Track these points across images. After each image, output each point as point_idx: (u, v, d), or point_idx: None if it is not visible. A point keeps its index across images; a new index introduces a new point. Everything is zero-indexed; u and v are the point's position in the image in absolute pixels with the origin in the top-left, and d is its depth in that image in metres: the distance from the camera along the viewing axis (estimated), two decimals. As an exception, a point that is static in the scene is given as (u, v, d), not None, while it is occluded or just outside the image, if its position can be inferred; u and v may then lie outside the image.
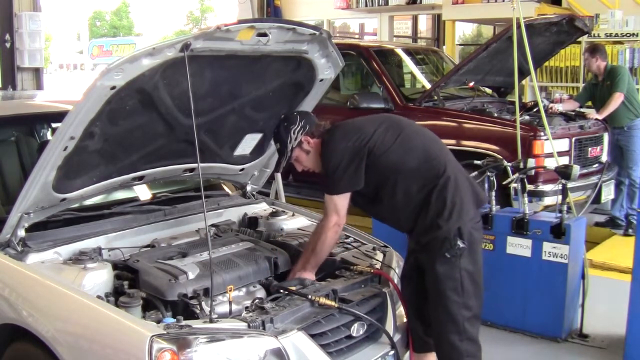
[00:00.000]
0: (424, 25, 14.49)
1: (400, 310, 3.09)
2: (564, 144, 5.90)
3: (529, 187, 5.01)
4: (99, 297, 2.59)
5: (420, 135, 3.05)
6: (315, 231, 3.08)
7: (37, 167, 2.64)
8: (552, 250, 4.26)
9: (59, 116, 2.68)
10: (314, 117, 3.14)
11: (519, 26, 5.01)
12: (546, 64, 8.33)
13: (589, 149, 6.27)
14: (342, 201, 2.97)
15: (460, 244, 2.86)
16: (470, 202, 2.94)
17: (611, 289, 5.03)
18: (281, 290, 2.81)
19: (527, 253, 4.35)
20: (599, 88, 6.78)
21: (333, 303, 2.72)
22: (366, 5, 11.96)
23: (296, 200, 6.47)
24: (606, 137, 6.56)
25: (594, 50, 6.74)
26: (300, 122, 3.03)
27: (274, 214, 3.64)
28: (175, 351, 2.25)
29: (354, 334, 2.78)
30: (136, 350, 2.26)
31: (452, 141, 5.92)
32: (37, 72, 9.31)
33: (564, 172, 4.30)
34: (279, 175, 6.04)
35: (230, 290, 2.61)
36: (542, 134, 5.58)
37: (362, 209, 3.08)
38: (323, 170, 3.00)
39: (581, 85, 8.15)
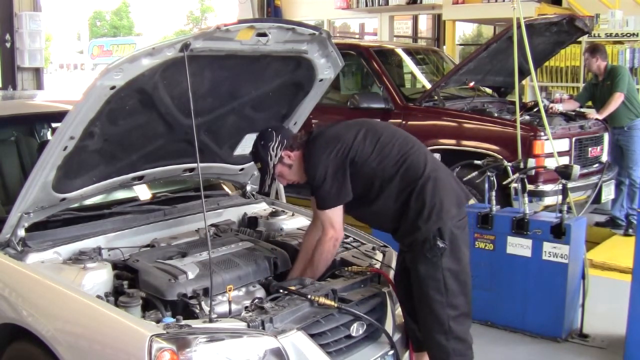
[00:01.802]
0: (424, 25, 14.49)
1: (400, 309, 3.09)
2: (564, 144, 5.89)
3: (529, 187, 5.01)
4: (98, 296, 2.59)
5: (397, 139, 3.02)
6: (311, 244, 3.07)
7: (36, 167, 2.64)
8: (552, 250, 4.26)
9: (59, 116, 2.68)
10: (289, 130, 3.14)
11: (519, 26, 5.01)
12: (546, 64, 8.33)
13: (589, 149, 6.27)
14: (335, 215, 2.95)
15: (440, 244, 2.86)
16: (452, 201, 2.93)
17: (611, 289, 5.03)
18: (281, 290, 2.80)
19: (527, 253, 4.35)
20: (599, 88, 6.78)
21: (332, 303, 2.72)
22: (366, 5, 11.96)
23: (296, 200, 6.46)
24: (606, 137, 6.56)
25: (594, 50, 6.74)
26: (277, 137, 2.99)
27: (274, 214, 3.64)
28: (174, 351, 2.25)
29: (354, 334, 2.78)
30: (136, 349, 2.26)
31: (452, 141, 5.92)
32: (37, 72, 9.31)
33: (564, 172, 4.30)
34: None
35: (229, 290, 2.61)
36: (542, 134, 5.57)
37: (346, 212, 3.07)
38: (309, 184, 2.99)
39: (581, 85, 8.15)
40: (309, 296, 2.70)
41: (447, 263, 2.88)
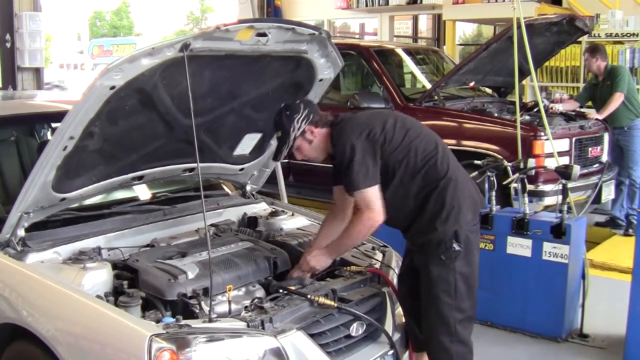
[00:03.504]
0: (424, 25, 14.48)
1: (400, 309, 3.09)
2: (564, 144, 5.90)
3: (529, 187, 5.00)
4: (98, 296, 2.59)
5: (424, 135, 3.00)
6: (327, 232, 3.09)
7: (36, 167, 2.64)
8: (552, 250, 4.26)
9: (59, 116, 2.68)
10: (316, 106, 3.07)
11: (519, 26, 5.01)
12: (546, 64, 8.33)
13: (590, 149, 6.27)
14: (370, 195, 2.84)
15: (456, 246, 2.85)
16: (469, 206, 2.93)
17: (611, 289, 5.03)
18: (280, 290, 2.80)
19: (527, 253, 4.35)
20: (599, 88, 6.78)
21: (332, 302, 2.72)
22: (366, 5, 11.96)
23: (296, 200, 6.47)
24: (606, 137, 6.56)
25: (594, 50, 6.73)
26: (304, 111, 2.96)
27: (274, 214, 3.64)
28: (174, 350, 2.25)
29: (353, 334, 2.78)
30: (136, 349, 2.26)
31: (453, 141, 5.91)
32: (37, 72, 9.31)
33: (564, 172, 4.30)
34: (280, 173, 6.02)
35: (229, 290, 2.61)
36: (542, 134, 5.58)
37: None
38: (338, 166, 2.92)
39: (581, 85, 8.14)
40: (309, 296, 2.70)
41: (459, 266, 2.88)
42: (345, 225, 3.00)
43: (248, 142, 3.47)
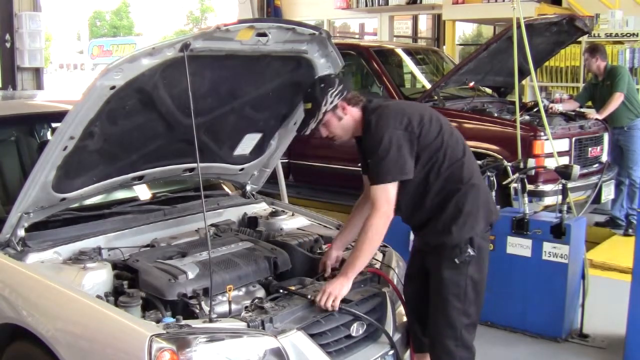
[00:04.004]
0: (424, 25, 14.48)
1: (400, 309, 3.09)
2: (564, 144, 5.90)
3: (529, 187, 5.00)
4: (98, 296, 2.59)
5: (454, 136, 2.97)
6: (358, 219, 3.04)
7: (36, 167, 2.64)
8: (552, 250, 4.26)
9: (59, 116, 2.68)
10: (350, 83, 2.95)
11: (519, 26, 5.00)
12: (546, 64, 8.33)
13: (589, 149, 6.27)
14: (394, 190, 2.78)
15: (470, 251, 2.85)
16: (484, 216, 2.91)
17: (611, 289, 5.03)
18: (281, 290, 2.80)
19: (527, 253, 4.35)
20: (599, 88, 6.78)
21: None
22: (366, 5, 11.95)
23: (296, 200, 6.47)
24: (606, 137, 6.56)
25: (594, 50, 6.73)
26: (339, 86, 2.86)
27: (274, 214, 3.64)
28: (174, 351, 2.25)
29: (354, 334, 2.78)
30: (136, 349, 2.26)
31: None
32: (37, 72, 9.31)
33: (564, 172, 4.30)
34: (281, 173, 6.01)
35: (229, 290, 2.61)
36: (542, 134, 5.58)
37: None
38: (371, 153, 2.81)
39: (581, 85, 8.15)
40: (310, 296, 2.70)
41: (471, 271, 2.87)
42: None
43: (248, 142, 3.47)
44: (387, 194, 2.77)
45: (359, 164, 3.06)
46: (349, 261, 2.84)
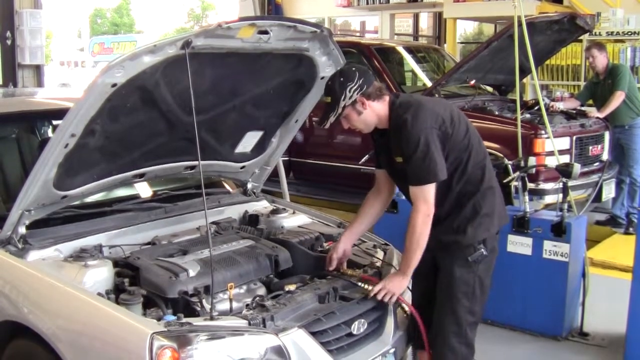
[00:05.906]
0: (425, 23, 14.48)
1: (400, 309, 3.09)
2: (564, 143, 5.90)
3: (530, 185, 5.01)
4: (99, 294, 2.59)
5: (477, 137, 2.99)
6: (368, 211, 3.11)
7: (38, 165, 2.64)
8: (552, 249, 4.26)
9: (60, 113, 2.68)
10: (373, 76, 2.91)
11: (520, 24, 5.00)
12: (547, 62, 8.32)
13: (590, 147, 6.27)
14: (432, 190, 2.79)
15: (484, 251, 2.89)
16: (497, 218, 2.95)
17: (611, 287, 5.03)
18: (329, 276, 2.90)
19: (527, 251, 4.35)
20: (600, 86, 6.78)
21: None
22: (367, 3, 11.96)
23: (295, 197, 6.46)
24: (607, 136, 6.56)
25: (602, 46, 6.72)
26: (359, 80, 2.80)
27: (275, 212, 3.64)
28: (175, 348, 2.25)
29: (355, 332, 2.78)
30: (137, 347, 2.26)
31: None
32: (37, 69, 9.31)
33: (564, 171, 4.30)
34: (282, 170, 6.01)
35: (230, 288, 2.61)
36: (543, 132, 5.57)
37: (393, 179, 2.98)
38: (407, 152, 2.78)
39: (582, 83, 8.14)
40: (364, 285, 2.84)
41: (481, 271, 2.92)
42: (385, 205, 3.11)
43: (249, 140, 3.47)
44: (425, 194, 2.79)
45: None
46: (404, 262, 2.90)
